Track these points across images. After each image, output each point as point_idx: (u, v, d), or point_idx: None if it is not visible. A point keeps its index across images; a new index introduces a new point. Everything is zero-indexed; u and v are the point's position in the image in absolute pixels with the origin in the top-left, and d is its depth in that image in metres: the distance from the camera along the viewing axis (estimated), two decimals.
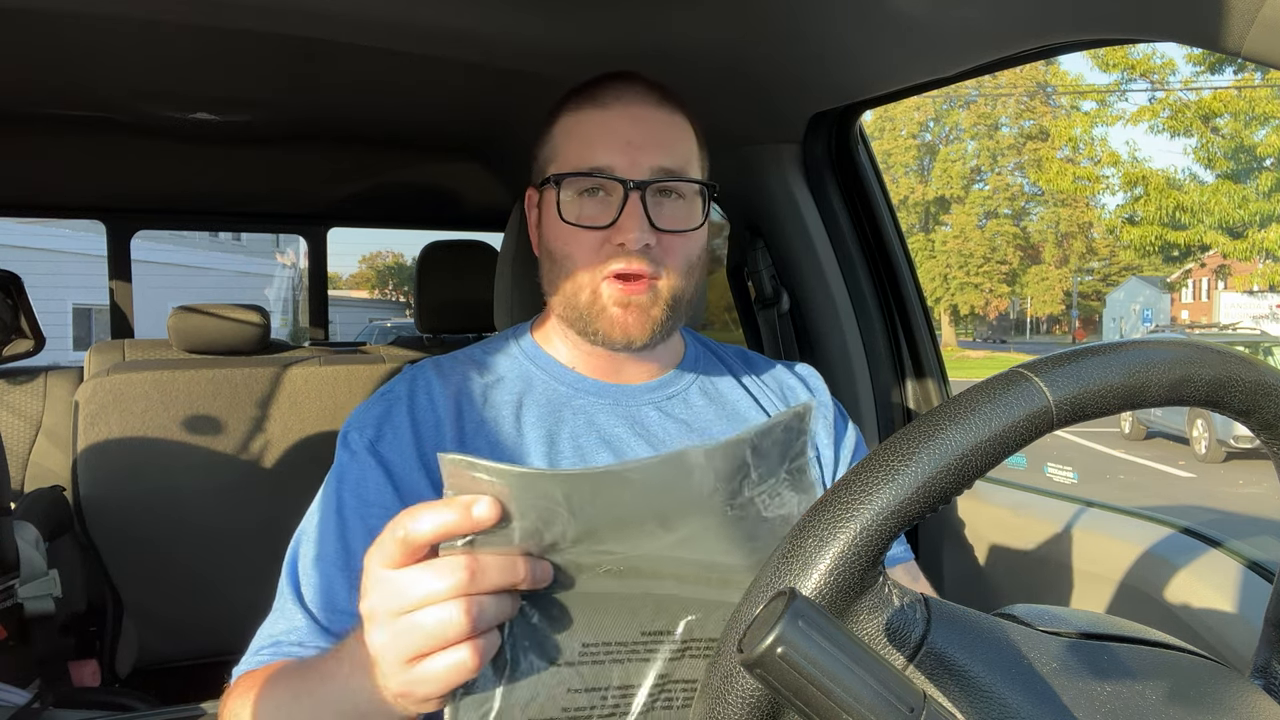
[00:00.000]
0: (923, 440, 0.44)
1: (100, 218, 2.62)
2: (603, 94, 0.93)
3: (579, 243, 0.90)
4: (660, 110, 0.93)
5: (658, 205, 0.90)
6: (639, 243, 0.88)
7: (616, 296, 0.90)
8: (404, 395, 0.92)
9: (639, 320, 0.90)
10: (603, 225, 0.89)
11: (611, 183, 0.89)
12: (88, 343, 8.50)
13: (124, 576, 2.03)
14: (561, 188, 0.91)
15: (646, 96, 0.93)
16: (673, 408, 0.99)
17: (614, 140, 0.90)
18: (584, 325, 0.92)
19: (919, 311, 1.62)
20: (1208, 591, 1.07)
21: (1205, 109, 18.37)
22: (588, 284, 0.91)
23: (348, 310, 24.50)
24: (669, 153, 0.91)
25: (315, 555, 0.83)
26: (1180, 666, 0.53)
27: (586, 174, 0.90)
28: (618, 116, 0.91)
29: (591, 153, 0.90)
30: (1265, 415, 0.51)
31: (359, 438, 0.88)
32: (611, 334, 0.91)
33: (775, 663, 0.38)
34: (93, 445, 1.99)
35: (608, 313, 0.90)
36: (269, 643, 0.80)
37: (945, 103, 41.47)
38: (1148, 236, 18.72)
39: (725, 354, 1.09)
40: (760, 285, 1.74)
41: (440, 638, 0.54)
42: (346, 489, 0.86)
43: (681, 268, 0.92)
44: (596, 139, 0.90)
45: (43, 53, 1.37)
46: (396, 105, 1.72)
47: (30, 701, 1.48)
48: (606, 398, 0.96)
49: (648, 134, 0.91)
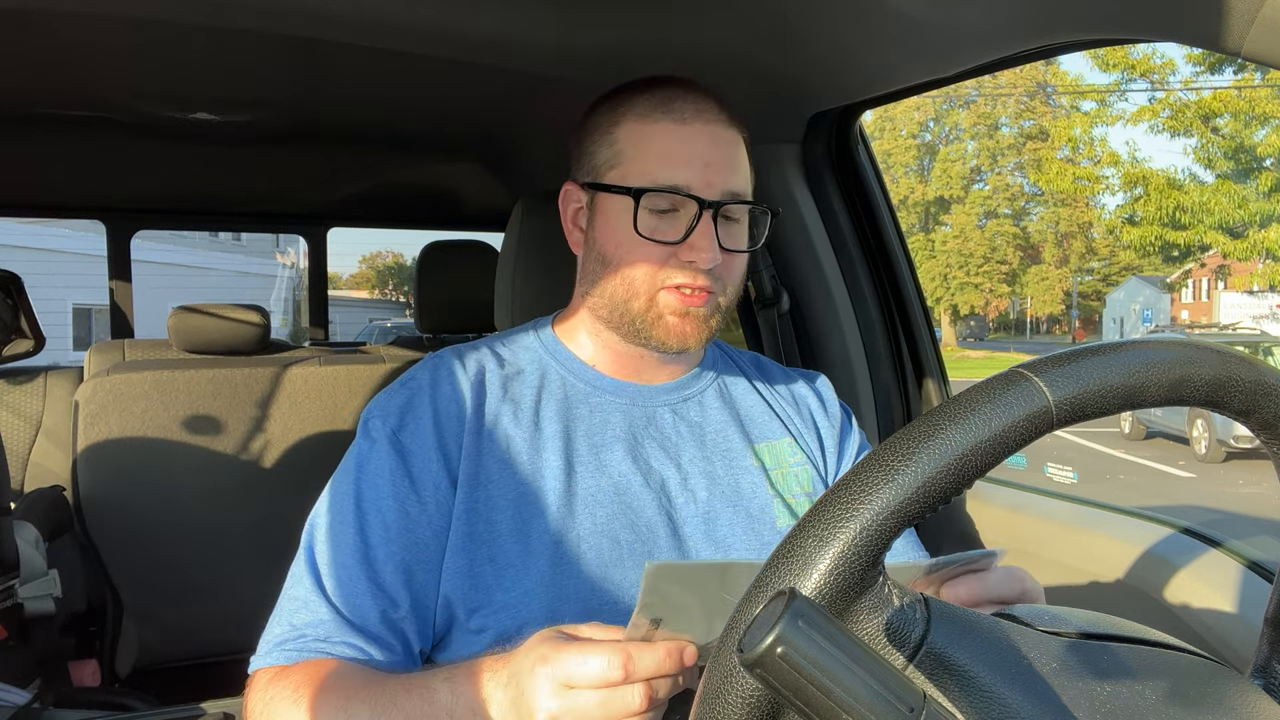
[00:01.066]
0: (923, 440, 0.44)
1: (100, 218, 2.62)
2: (679, 107, 0.93)
3: (645, 255, 0.92)
4: (729, 130, 0.95)
5: (724, 226, 0.93)
6: (709, 263, 0.90)
7: (675, 306, 0.92)
8: (427, 384, 0.93)
9: (696, 329, 0.92)
10: (673, 241, 0.91)
11: (687, 200, 0.90)
12: (88, 343, 8.50)
13: (124, 576, 2.03)
14: (640, 200, 0.91)
15: (719, 114, 0.95)
16: (687, 410, 1.00)
17: (694, 160, 0.91)
18: (634, 329, 0.93)
19: (919, 311, 1.62)
20: (1208, 591, 1.07)
21: (1205, 109, 18.36)
22: (645, 292, 0.92)
23: (348, 310, 24.50)
24: (739, 177, 0.94)
25: (333, 546, 0.84)
26: (1180, 666, 0.53)
27: (668, 191, 0.91)
28: (697, 135, 0.92)
29: (672, 170, 0.91)
30: (1265, 415, 0.51)
31: (381, 425, 0.89)
32: (668, 340, 0.92)
33: (775, 663, 0.38)
34: (93, 445, 1.99)
35: (664, 320, 0.92)
36: (293, 635, 0.81)
37: (945, 103, 41.49)
38: (1148, 236, 18.71)
39: (741, 359, 1.10)
40: (760, 285, 1.74)
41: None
42: (365, 480, 0.87)
43: (736, 283, 0.96)
44: (677, 156, 0.92)
45: (43, 53, 1.37)
46: (397, 105, 1.72)
47: (30, 701, 1.48)
48: (624, 397, 0.97)
49: (722, 156, 0.93)
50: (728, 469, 0.97)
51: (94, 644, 2.04)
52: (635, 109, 0.94)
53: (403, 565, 0.83)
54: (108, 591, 2.03)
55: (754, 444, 1.00)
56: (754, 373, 1.09)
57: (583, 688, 0.61)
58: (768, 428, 1.03)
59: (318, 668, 0.76)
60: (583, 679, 0.61)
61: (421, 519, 0.86)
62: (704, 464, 0.96)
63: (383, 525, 0.84)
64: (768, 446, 1.01)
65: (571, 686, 0.61)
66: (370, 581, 0.82)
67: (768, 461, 0.99)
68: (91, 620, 2.03)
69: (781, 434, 1.03)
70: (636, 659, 0.60)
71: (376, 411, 0.91)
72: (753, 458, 0.99)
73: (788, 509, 0.97)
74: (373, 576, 0.82)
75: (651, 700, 0.61)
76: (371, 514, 0.85)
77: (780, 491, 0.97)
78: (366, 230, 40.22)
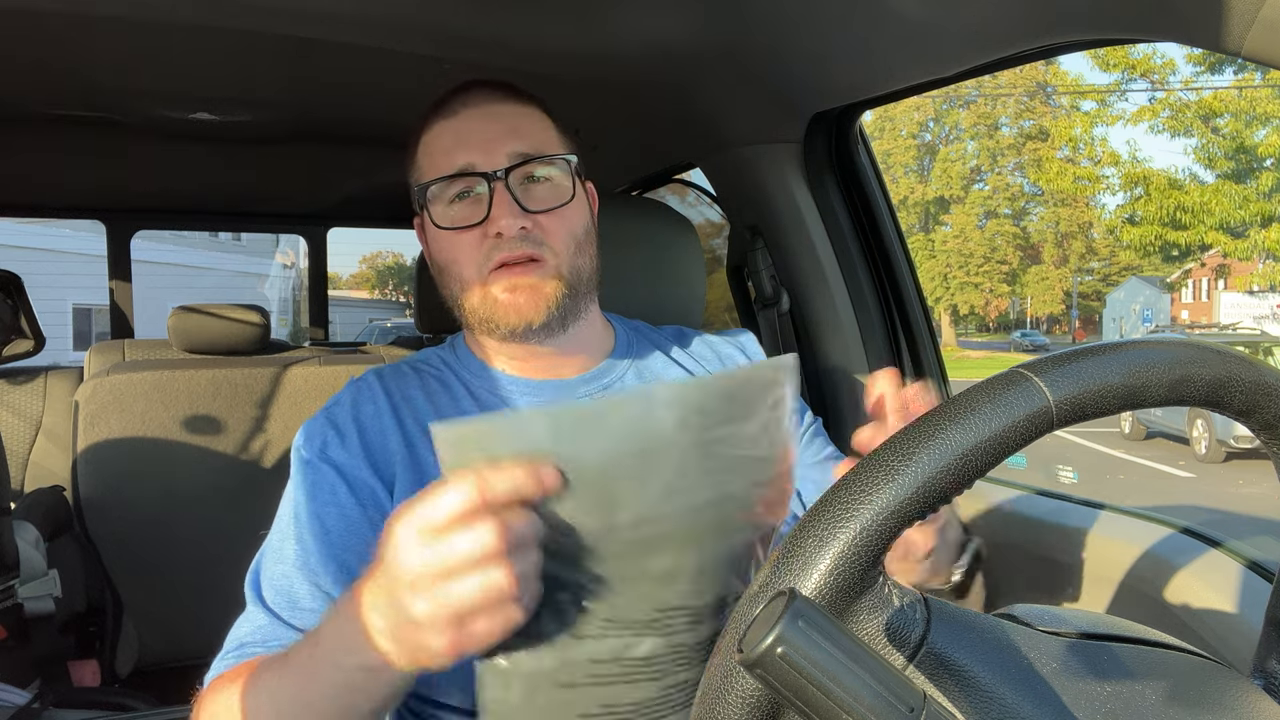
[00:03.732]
0: (923, 440, 0.44)
1: (100, 218, 2.62)
2: (451, 106, 0.94)
3: (459, 245, 0.91)
4: (509, 104, 0.95)
5: (525, 190, 0.91)
6: (513, 229, 0.89)
7: (503, 284, 0.90)
8: (348, 404, 0.93)
9: (531, 300, 0.90)
10: (476, 222, 0.90)
11: (477, 180, 0.90)
12: (88, 342, 8.51)
13: (124, 576, 2.03)
14: (431, 199, 0.92)
15: (493, 94, 0.95)
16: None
17: (468, 140, 0.91)
18: (485, 322, 0.93)
19: (919, 311, 1.62)
20: (1208, 591, 1.06)
21: (1205, 109, 18.37)
22: (476, 283, 0.91)
23: (348, 310, 24.51)
24: (525, 139, 0.92)
25: (274, 559, 0.85)
26: (1180, 666, 0.53)
27: (449, 177, 0.91)
28: (467, 118, 0.93)
29: (450, 158, 0.91)
30: (1265, 415, 0.51)
31: (309, 447, 0.90)
32: (508, 320, 0.91)
33: (775, 663, 0.38)
34: (93, 445, 1.99)
35: (499, 302, 0.91)
36: (234, 646, 0.81)
37: (945, 103, 41.48)
38: (1148, 236, 18.71)
39: (661, 335, 1.09)
40: (760, 285, 1.74)
41: (490, 598, 0.56)
42: (301, 492, 0.87)
43: (567, 245, 0.93)
44: (452, 144, 0.92)
45: (43, 53, 1.37)
46: (397, 105, 1.71)
47: (30, 701, 1.48)
48: (543, 395, 0.97)
49: (500, 127, 0.92)
50: None
51: (94, 644, 2.04)
52: (422, 126, 0.96)
53: (344, 565, 0.83)
54: (108, 591, 2.03)
55: None
56: (674, 345, 1.08)
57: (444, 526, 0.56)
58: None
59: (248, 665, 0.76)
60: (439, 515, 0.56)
61: (363, 520, 0.85)
62: None
63: (323, 530, 0.84)
64: None
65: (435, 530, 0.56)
66: (310, 583, 0.82)
67: None
68: (91, 620, 2.03)
69: None
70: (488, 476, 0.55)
71: (302, 438, 0.92)
72: None
73: None
74: (312, 579, 0.82)
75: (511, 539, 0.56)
76: (311, 522, 0.85)
77: None
78: (366, 230, 40.32)
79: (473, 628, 0.57)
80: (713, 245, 2.34)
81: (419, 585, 0.57)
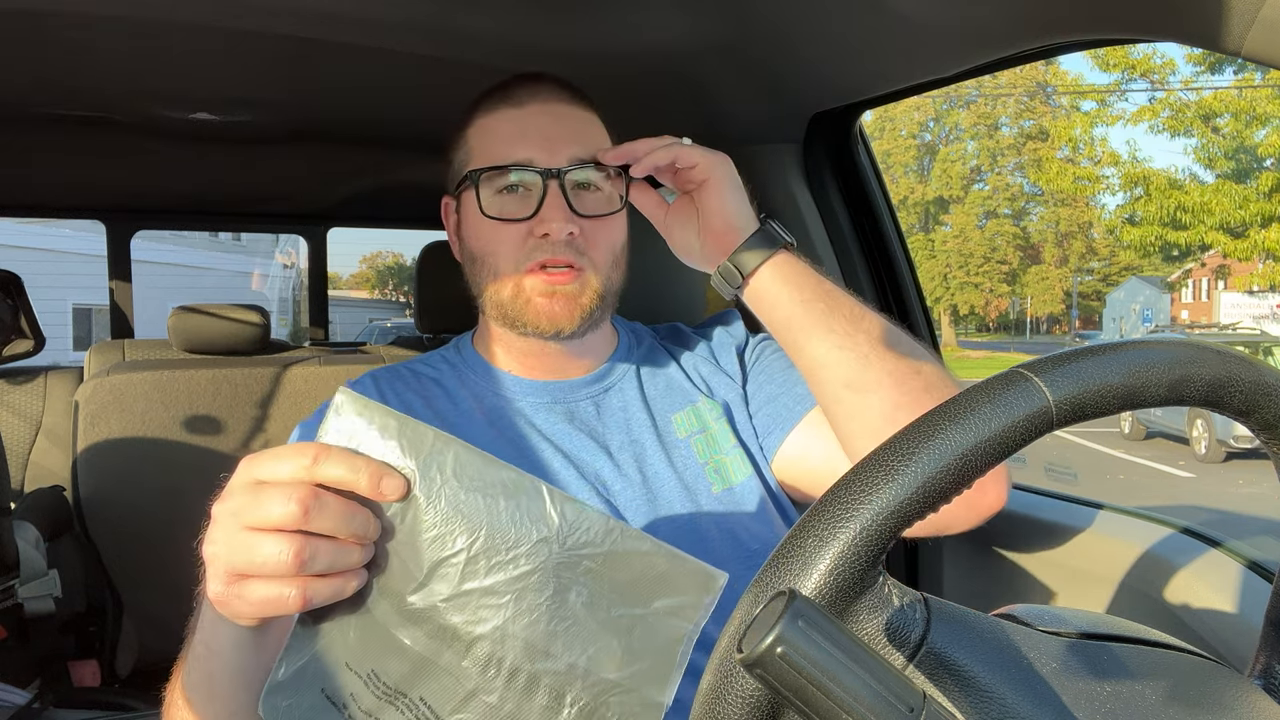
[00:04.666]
0: (923, 440, 0.44)
1: (100, 218, 2.62)
2: (517, 92, 0.94)
3: (501, 238, 0.91)
4: (574, 107, 0.95)
5: (578, 195, 0.91)
6: (562, 232, 0.88)
7: (541, 287, 0.90)
8: None
9: (566, 308, 0.90)
10: (524, 217, 0.89)
11: (531, 177, 0.90)
12: (88, 343, 8.51)
13: (124, 576, 2.02)
14: (481, 185, 0.91)
15: (560, 93, 0.95)
16: (610, 400, 0.99)
17: (533, 134, 0.91)
18: (512, 319, 0.92)
19: (919, 311, 1.62)
20: (1208, 591, 1.07)
21: (1205, 109, 18.37)
22: (511, 278, 0.91)
23: (348, 310, 24.51)
24: (585, 145, 0.92)
25: None
26: (1180, 666, 0.53)
27: (507, 167, 0.90)
28: (534, 113, 0.92)
29: (510, 148, 0.91)
30: (1265, 415, 0.51)
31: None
32: (539, 324, 0.91)
33: (775, 662, 0.38)
34: (93, 445, 1.99)
35: (534, 304, 0.90)
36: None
37: (945, 103, 41.50)
38: (1148, 236, 18.71)
39: (659, 334, 1.10)
40: None
41: (267, 567, 0.53)
42: None
43: (606, 257, 0.93)
44: (514, 134, 0.91)
45: (43, 53, 1.37)
46: (397, 105, 1.72)
47: (30, 701, 1.48)
48: (544, 396, 0.97)
49: (564, 128, 0.92)
50: (657, 447, 0.96)
51: (94, 644, 2.04)
52: (480, 107, 0.96)
53: None
54: (108, 591, 2.03)
55: (675, 414, 0.99)
56: (670, 342, 1.08)
57: (267, 479, 0.54)
58: (686, 394, 1.01)
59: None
60: (268, 469, 0.54)
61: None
62: (633, 448, 0.96)
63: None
64: (690, 412, 1.00)
65: (258, 481, 0.54)
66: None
67: (693, 427, 0.99)
68: (91, 620, 2.03)
69: (696, 396, 1.01)
70: (330, 459, 0.53)
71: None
72: (677, 429, 0.98)
73: (716, 473, 0.96)
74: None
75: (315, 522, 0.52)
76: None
77: (710, 455, 0.97)
78: (366, 230, 40.38)
79: (244, 589, 0.54)
80: None
81: (221, 523, 0.55)
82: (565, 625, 0.53)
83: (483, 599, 0.54)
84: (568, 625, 0.53)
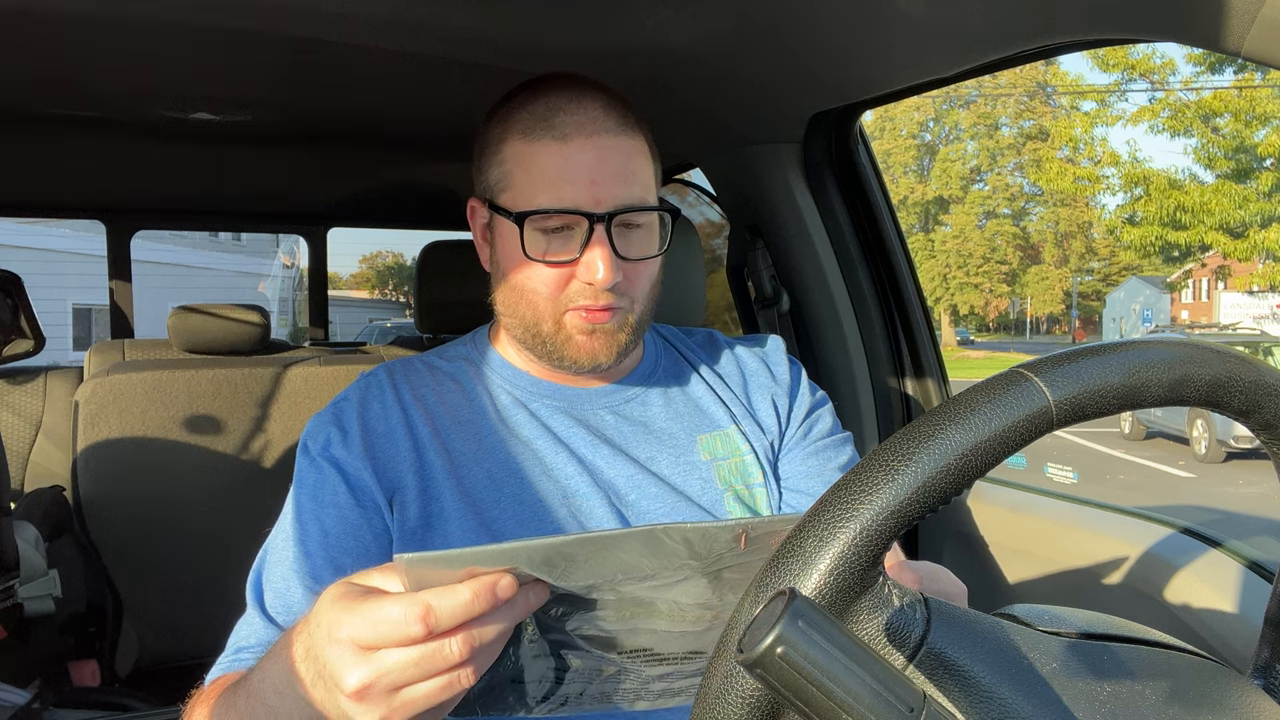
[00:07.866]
0: (923, 440, 0.44)
1: (100, 218, 2.62)
2: (561, 122, 0.87)
3: (542, 278, 0.89)
4: (620, 138, 0.89)
5: (622, 237, 0.88)
6: (608, 283, 0.86)
7: (581, 325, 0.89)
8: (355, 401, 0.93)
9: (605, 345, 0.90)
10: (567, 261, 0.87)
11: (576, 218, 0.87)
12: (88, 343, 8.50)
13: (124, 576, 2.03)
14: (525, 225, 0.88)
15: (605, 122, 0.88)
16: (630, 410, 0.98)
17: (578, 178, 0.86)
18: (546, 351, 0.91)
19: (919, 311, 1.63)
20: (1208, 591, 1.07)
21: (1205, 109, 18.35)
22: (550, 316, 0.90)
23: (348, 310, 24.51)
24: (631, 185, 0.89)
25: (275, 560, 0.84)
26: (1180, 666, 0.53)
27: (551, 212, 0.87)
28: (580, 151, 0.87)
29: (556, 191, 0.86)
30: (1265, 415, 0.51)
31: (314, 444, 0.90)
32: (579, 360, 0.90)
33: (775, 663, 0.38)
34: (93, 445, 1.99)
35: (573, 341, 0.90)
36: (232, 650, 0.81)
37: (945, 103, 41.51)
38: (1148, 236, 18.71)
39: (691, 345, 1.07)
40: (760, 285, 1.74)
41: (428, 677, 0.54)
42: (304, 492, 0.87)
43: (645, 292, 0.92)
44: (558, 176, 0.87)
45: (43, 53, 1.37)
46: (397, 105, 1.72)
47: (30, 701, 1.48)
48: (564, 400, 0.96)
49: (611, 168, 0.88)
50: (675, 466, 0.95)
51: (94, 644, 2.04)
52: (519, 125, 0.90)
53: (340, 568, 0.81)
54: (108, 591, 2.03)
55: (701, 436, 0.98)
56: (703, 356, 1.05)
57: (385, 647, 0.53)
58: (714, 417, 1.00)
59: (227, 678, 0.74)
60: (380, 639, 0.53)
61: (363, 523, 0.85)
62: (652, 462, 0.94)
63: (321, 532, 0.84)
64: (716, 437, 0.98)
65: (371, 648, 0.54)
66: (306, 588, 0.81)
67: (717, 453, 0.97)
68: (91, 620, 2.03)
69: (727, 423, 0.99)
70: (436, 608, 0.52)
71: (309, 432, 0.91)
72: (700, 451, 0.97)
73: (739, 501, 0.95)
74: (308, 583, 0.81)
75: (474, 649, 0.54)
76: (310, 524, 0.84)
77: (730, 484, 0.95)
78: (366, 230, 40.36)
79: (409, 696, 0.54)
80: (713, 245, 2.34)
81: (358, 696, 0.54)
82: (726, 584, 0.61)
83: (647, 593, 0.60)
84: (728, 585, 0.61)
